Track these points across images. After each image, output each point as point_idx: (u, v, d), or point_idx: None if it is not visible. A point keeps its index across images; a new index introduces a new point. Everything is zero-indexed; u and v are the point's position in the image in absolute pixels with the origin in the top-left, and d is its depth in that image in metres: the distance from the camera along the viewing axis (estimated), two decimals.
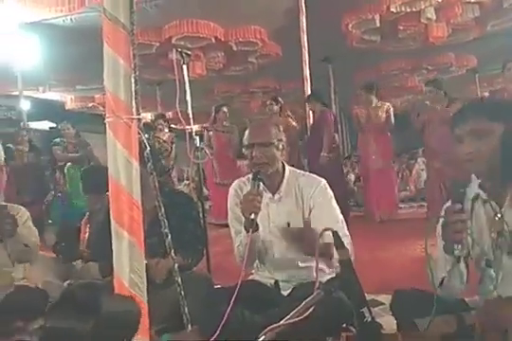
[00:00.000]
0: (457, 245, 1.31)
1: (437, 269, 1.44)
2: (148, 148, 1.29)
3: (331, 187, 1.98)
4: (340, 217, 1.93)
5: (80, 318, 0.69)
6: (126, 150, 1.25)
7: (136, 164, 1.28)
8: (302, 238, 1.76)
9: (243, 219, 1.78)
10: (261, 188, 1.82)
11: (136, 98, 1.22)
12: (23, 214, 2.46)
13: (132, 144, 1.25)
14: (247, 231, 1.72)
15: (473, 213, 1.46)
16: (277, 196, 1.95)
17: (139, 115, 1.24)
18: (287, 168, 2.00)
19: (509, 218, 1.39)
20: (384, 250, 3.81)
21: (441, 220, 1.40)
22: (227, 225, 2.14)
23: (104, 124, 1.24)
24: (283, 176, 1.96)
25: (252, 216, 1.70)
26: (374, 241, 4.20)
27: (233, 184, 2.08)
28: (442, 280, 1.42)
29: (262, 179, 1.82)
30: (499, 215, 1.41)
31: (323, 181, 1.97)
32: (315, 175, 2.03)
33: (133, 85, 1.22)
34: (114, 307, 0.74)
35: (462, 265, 1.41)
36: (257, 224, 1.75)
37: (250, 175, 1.92)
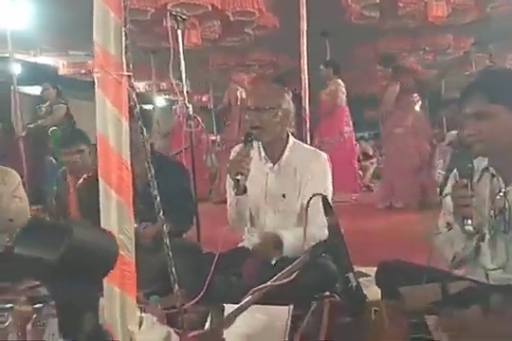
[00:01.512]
0: (467, 220, 1.30)
1: (446, 246, 1.44)
2: (138, 106, 1.26)
3: None
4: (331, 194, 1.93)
5: (48, 246, 0.66)
6: (116, 108, 1.22)
7: (125, 123, 1.25)
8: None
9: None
10: (252, 150, 1.80)
11: (126, 53, 1.18)
12: (13, 179, 2.20)
13: (122, 102, 1.22)
14: (234, 193, 1.73)
15: (479, 183, 1.45)
16: (277, 166, 1.94)
17: (130, 71, 1.20)
18: (291, 139, 1.98)
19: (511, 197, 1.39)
20: (371, 225, 3.86)
21: (448, 196, 1.39)
22: None
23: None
24: (286, 147, 1.95)
25: (238, 177, 1.68)
26: (361, 216, 4.25)
27: (234, 148, 2.05)
28: (454, 257, 1.43)
29: (253, 140, 1.80)
30: (502, 192, 1.40)
31: (324, 155, 1.97)
32: (317, 149, 2.04)
33: (123, 39, 1.18)
34: (86, 236, 0.71)
35: (475, 241, 1.40)
36: (245, 187, 1.74)
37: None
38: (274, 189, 1.93)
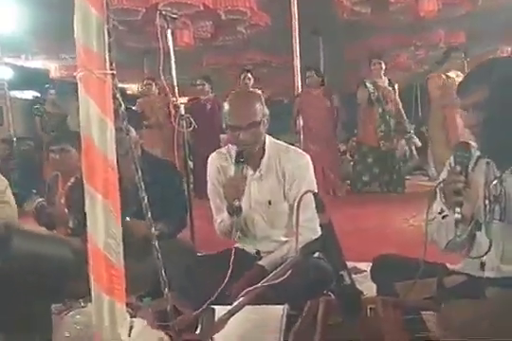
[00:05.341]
0: (455, 208, 1.29)
1: (440, 232, 1.42)
2: (123, 106, 1.23)
3: None
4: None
5: None
6: (100, 108, 1.18)
7: (110, 123, 1.21)
8: None
9: (224, 200, 1.73)
10: (244, 169, 1.75)
11: (109, 51, 1.15)
12: (1, 183, 2.20)
13: (106, 102, 1.18)
14: (231, 215, 1.69)
15: (475, 170, 1.42)
16: (257, 174, 1.86)
17: (113, 70, 1.17)
18: (268, 140, 1.88)
19: (508, 184, 1.36)
20: (366, 220, 3.86)
21: (441, 183, 1.37)
22: None
23: None
24: (264, 151, 1.86)
25: (237, 203, 1.65)
26: (356, 211, 4.25)
27: (212, 155, 1.96)
28: (447, 243, 1.42)
29: (245, 161, 1.74)
30: (495, 181, 1.37)
31: (307, 157, 1.89)
32: (299, 150, 1.95)
33: (106, 37, 1.15)
34: (29, 244, 0.64)
35: (470, 227, 1.37)
36: (241, 208, 1.71)
37: (229, 147, 1.85)
38: (259, 197, 1.87)
